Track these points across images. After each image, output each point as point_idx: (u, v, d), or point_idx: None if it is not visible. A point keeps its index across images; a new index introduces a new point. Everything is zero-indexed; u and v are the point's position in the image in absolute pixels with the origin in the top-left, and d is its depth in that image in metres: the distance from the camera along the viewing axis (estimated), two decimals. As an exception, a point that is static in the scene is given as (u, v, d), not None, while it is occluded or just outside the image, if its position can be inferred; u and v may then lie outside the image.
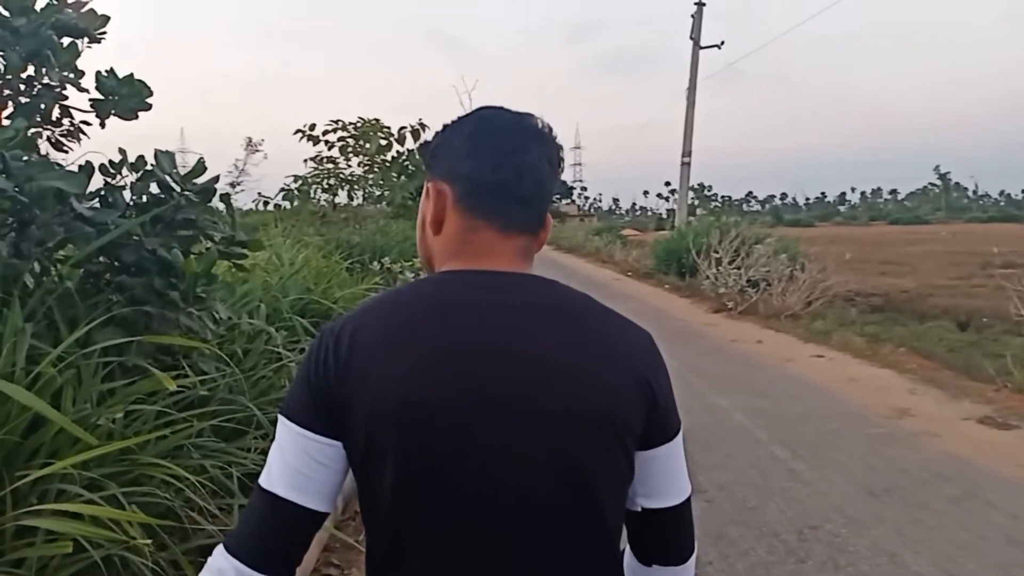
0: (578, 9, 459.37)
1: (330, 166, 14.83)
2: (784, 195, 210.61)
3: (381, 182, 14.67)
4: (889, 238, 43.05)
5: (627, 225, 75.19)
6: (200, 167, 3.03)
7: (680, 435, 1.08)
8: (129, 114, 3.58)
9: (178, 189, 2.98)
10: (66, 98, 3.60)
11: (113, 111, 3.58)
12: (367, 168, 14.96)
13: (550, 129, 1.06)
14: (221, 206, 3.56)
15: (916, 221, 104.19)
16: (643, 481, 1.03)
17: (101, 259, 3.12)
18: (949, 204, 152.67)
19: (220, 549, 0.96)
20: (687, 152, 21.35)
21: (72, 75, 3.52)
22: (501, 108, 1.07)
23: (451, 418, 0.91)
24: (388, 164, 14.90)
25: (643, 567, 1.09)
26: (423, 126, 14.52)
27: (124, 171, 3.34)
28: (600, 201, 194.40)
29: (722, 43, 21.12)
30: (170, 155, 3.05)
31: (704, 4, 21.14)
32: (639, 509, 1.04)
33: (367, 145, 14.21)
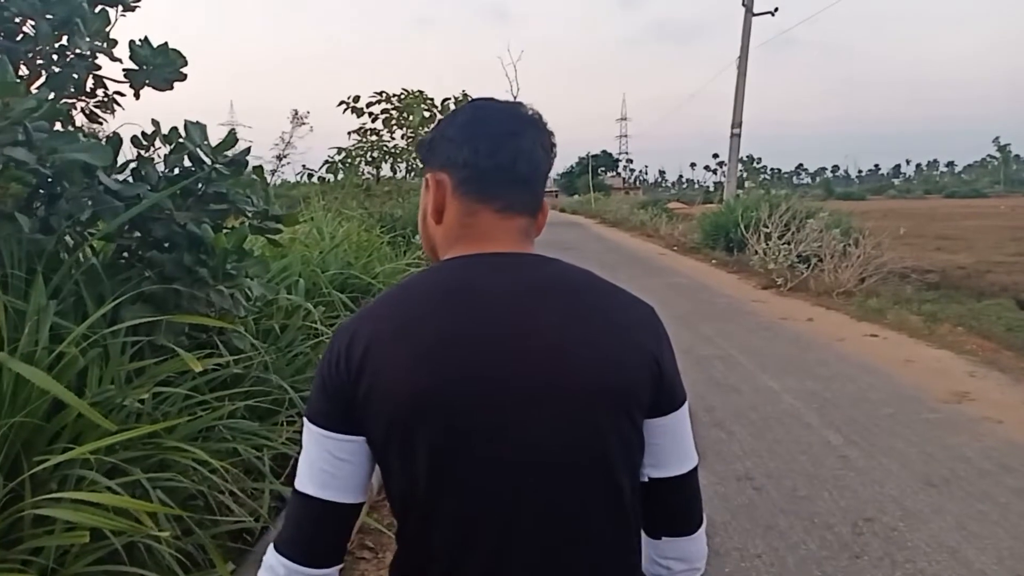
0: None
1: (374, 138, 14.78)
2: (836, 168, 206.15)
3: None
4: (944, 212, 41.66)
5: (673, 198, 74.18)
6: (231, 138, 2.93)
7: (686, 406, 1.08)
8: (163, 84, 3.50)
9: (209, 162, 2.89)
10: (99, 68, 3.53)
11: (147, 81, 3.50)
12: (411, 140, 14.86)
13: (540, 116, 1.10)
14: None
15: (973, 194, 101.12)
16: (650, 451, 1.04)
17: (135, 234, 3.06)
18: (1008, 177, 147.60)
19: (271, 548, 1.02)
20: (737, 123, 20.80)
21: (104, 44, 3.45)
22: (492, 99, 1.11)
23: (464, 402, 0.93)
24: (432, 136, 14.81)
25: (652, 540, 1.10)
26: (467, 97, 14.35)
27: (157, 143, 3.27)
28: (646, 173, 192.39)
29: (776, 10, 20.43)
30: (200, 126, 2.95)
31: (757, -31, 20.47)
32: (646, 479, 1.05)
33: (411, 117, 14.10)
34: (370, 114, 14.76)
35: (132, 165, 3.08)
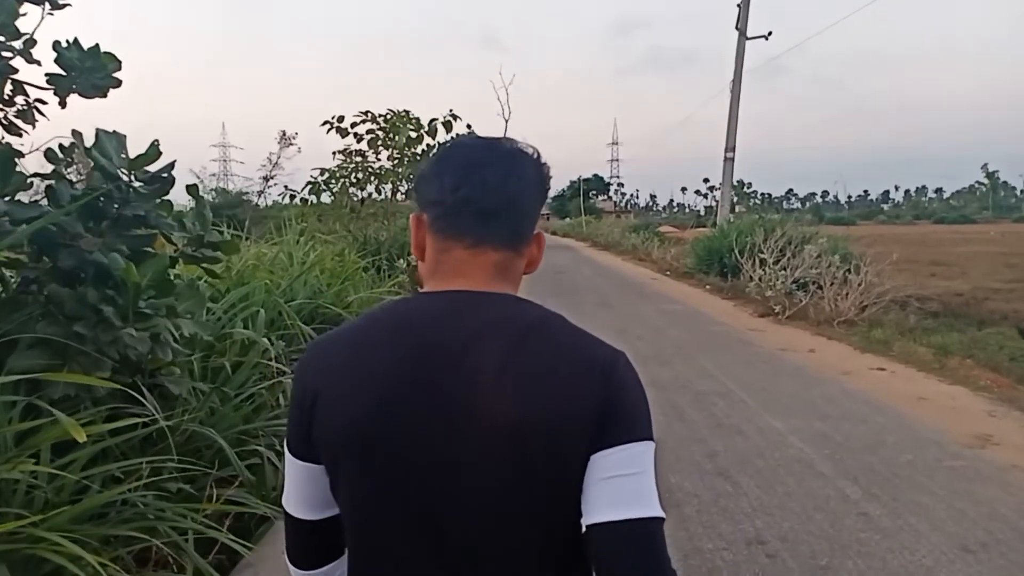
0: (620, 7, 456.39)
1: (359, 159, 14.34)
2: (826, 193, 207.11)
3: (411, 175, 14.12)
4: (935, 237, 41.55)
5: (664, 222, 73.99)
6: (153, 151, 2.46)
7: (646, 449, 0.96)
8: (92, 91, 3.02)
9: (125, 178, 2.42)
10: (15, 71, 3.06)
11: (74, 87, 3.04)
12: (396, 161, 14.43)
13: (524, 148, 1.06)
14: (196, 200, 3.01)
15: (962, 220, 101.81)
16: (593, 493, 0.93)
17: (42, 261, 2.58)
18: (996, 203, 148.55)
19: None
20: (731, 147, 20.48)
21: (23, 44, 2.99)
22: (473, 135, 1.22)
23: (389, 438, 0.94)
24: (419, 157, 14.33)
25: None
26: (455, 117, 13.95)
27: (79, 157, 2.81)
28: (637, 198, 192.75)
29: (769, 34, 20.19)
30: (117, 136, 2.49)
31: (750, -7, 20.24)
32: (583, 528, 0.93)
33: (396, 138, 13.68)
34: (355, 134, 14.34)
35: (43, 183, 2.61)
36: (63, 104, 3.14)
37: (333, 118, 14.01)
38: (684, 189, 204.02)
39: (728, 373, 7.31)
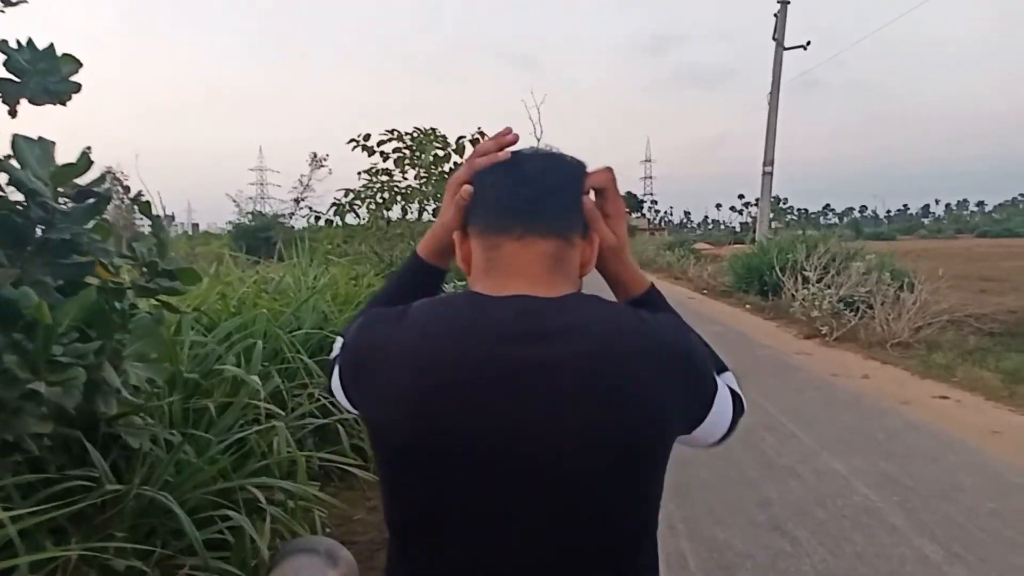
0: (655, 24, 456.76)
1: (384, 178, 13.97)
2: (864, 208, 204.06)
3: (438, 195, 13.73)
4: (980, 252, 40.18)
5: (699, 239, 73.19)
6: (84, 162, 2.01)
7: (722, 390, 1.05)
8: (44, 97, 2.59)
9: (49, 195, 1.97)
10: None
11: (24, 94, 2.62)
12: (423, 181, 14.04)
13: (572, 159, 1.06)
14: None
15: (1006, 234, 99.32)
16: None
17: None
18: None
19: None
20: (769, 160, 19.83)
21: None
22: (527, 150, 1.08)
23: (456, 451, 0.92)
24: (446, 175, 13.95)
25: None
26: (483, 134, 13.52)
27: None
28: (671, 215, 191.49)
29: (808, 43, 19.58)
30: (41, 145, 2.05)
31: (788, 2, 19.64)
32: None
33: (423, 156, 13.29)
34: (381, 153, 13.99)
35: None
36: (13, 113, 2.73)
37: (359, 136, 13.66)
38: (719, 206, 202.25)
39: (777, 403, 6.72)
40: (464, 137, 13.74)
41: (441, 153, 13.91)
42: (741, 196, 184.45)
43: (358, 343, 1.01)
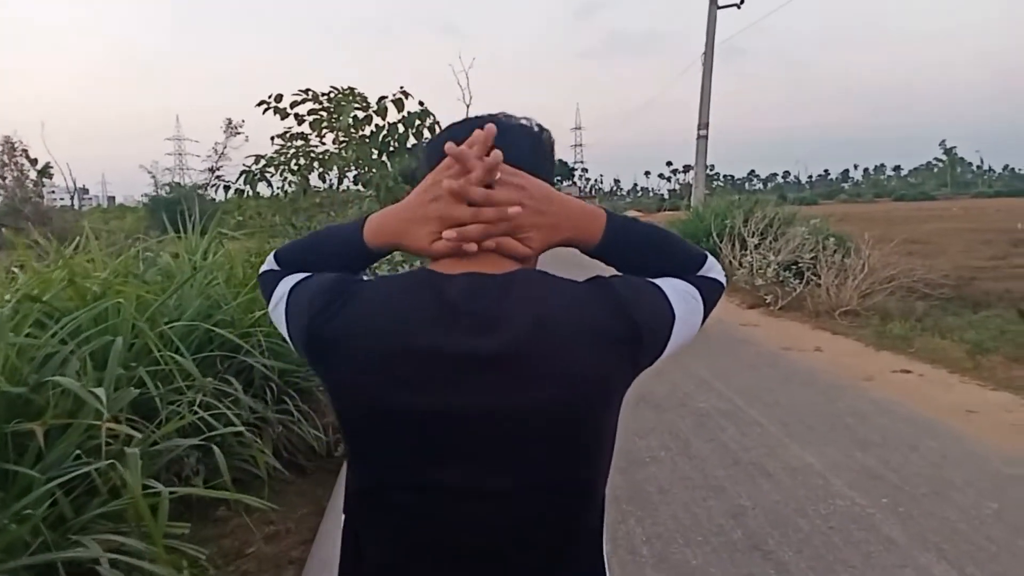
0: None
1: (299, 143, 12.88)
2: (787, 173, 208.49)
3: (359, 160, 12.70)
4: (900, 215, 40.90)
5: (630, 206, 73.33)
6: None
7: (675, 326, 1.02)
8: None
9: None
10: None
11: None
12: (342, 144, 13.00)
13: (522, 122, 1.08)
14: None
15: (922, 197, 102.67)
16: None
17: None
18: (955, 180, 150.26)
19: None
20: (704, 124, 19.31)
21: None
22: (464, 120, 1.07)
23: (412, 419, 0.95)
24: (367, 140, 12.93)
25: None
26: (406, 94, 12.54)
27: None
28: (601, 182, 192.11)
29: (741, 2, 19.06)
30: None
31: (721, -41, 19.04)
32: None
33: (340, 118, 12.24)
34: (296, 115, 12.89)
35: None
36: None
37: (270, 97, 12.52)
38: (647, 173, 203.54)
39: (731, 383, 6.14)
40: (386, 97, 12.74)
41: (361, 115, 12.89)
42: (669, 163, 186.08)
43: (317, 328, 0.99)
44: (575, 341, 0.94)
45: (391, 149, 13.09)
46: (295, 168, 12.81)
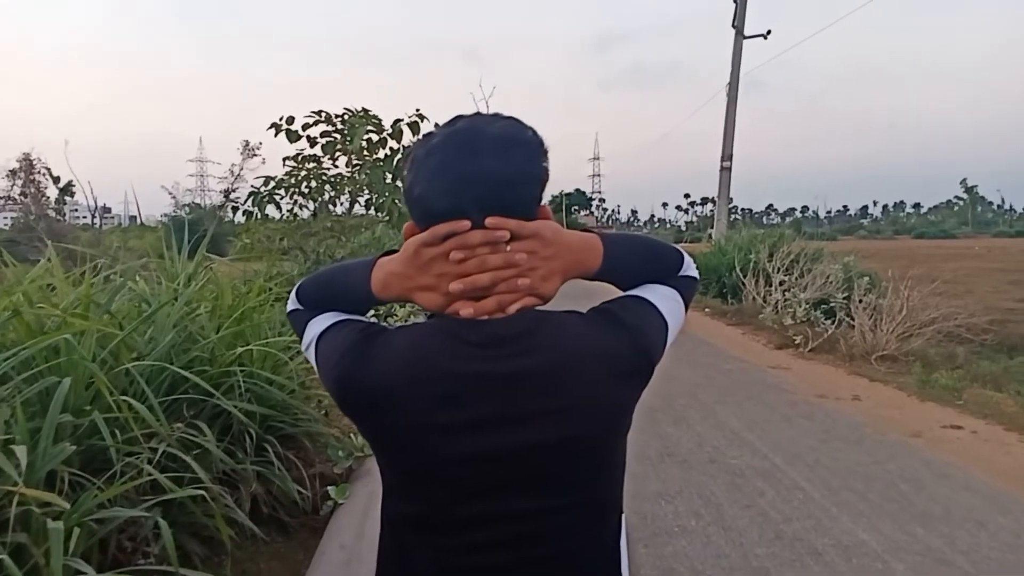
0: (601, 23, 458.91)
1: (311, 166, 12.49)
2: (805, 208, 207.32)
3: (370, 185, 12.27)
4: (921, 253, 40.11)
5: (647, 237, 72.77)
6: None
7: (669, 331, 1.11)
8: None
9: None
10: None
11: None
12: (355, 168, 12.60)
13: (516, 133, 1.04)
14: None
15: (942, 235, 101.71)
16: None
17: None
18: (975, 218, 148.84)
19: None
20: (727, 155, 18.82)
21: None
22: (461, 118, 1.06)
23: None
24: (380, 163, 12.53)
25: None
26: (422, 117, 12.15)
27: None
28: (619, 213, 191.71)
29: (768, 32, 18.61)
30: None
31: (747, -11, 18.65)
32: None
33: (353, 140, 11.84)
34: (308, 138, 12.52)
35: None
36: None
37: (281, 119, 12.17)
38: (665, 204, 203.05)
39: (764, 436, 5.57)
40: (401, 120, 12.36)
41: (375, 138, 12.51)
42: (687, 195, 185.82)
43: (355, 380, 1.03)
44: (596, 374, 1.01)
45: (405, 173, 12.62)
46: (306, 191, 12.44)
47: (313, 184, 12.42)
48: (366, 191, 12.69)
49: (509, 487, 1.01)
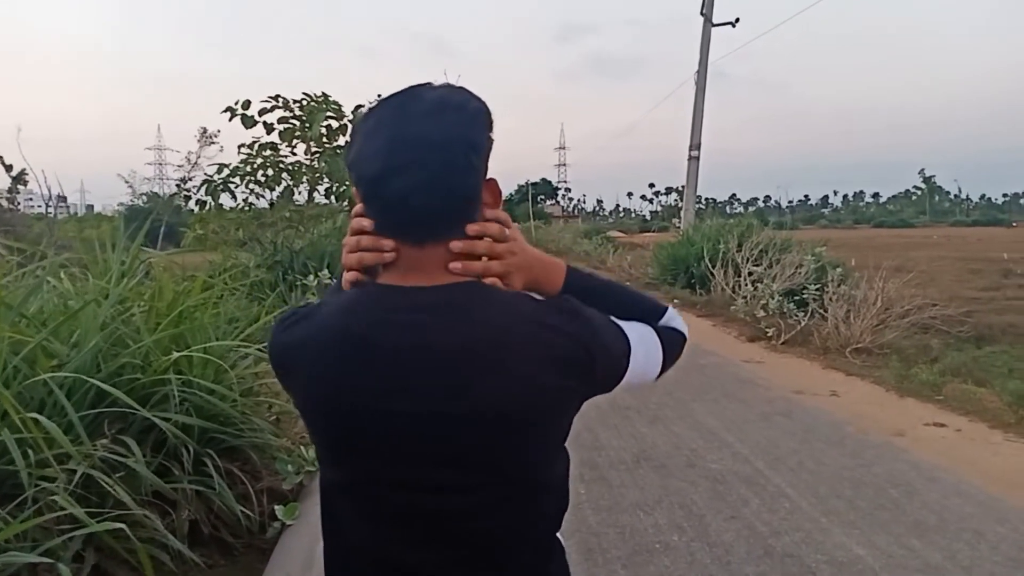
0: (564, 12, 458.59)
1: (267, 153, 11.96)
2: (768, 198, 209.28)
3: (330, 173, 11.79)
4: (881, 242, 40.46)
5: (612, 227, 72.81)
6: None
7: (631, 357, 1.07)
8: None
9: None
10: None
11: None
12: (314, 155, 12.10)
13: (459, 102, 1.00)
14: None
15: (901, 224, 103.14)
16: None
17: None
18: (933, 208, 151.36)
19: None
20: (696, 144, 18.59)
21: None
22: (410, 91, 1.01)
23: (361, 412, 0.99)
24: (340, 150, 12.04)
25: None
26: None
27: None
28: (584, 202, 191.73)
29: (737, 20, 18.38)
30: None
31: (715, -25, 18.41)
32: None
33: (312, 127, 11.33)
34: (264, 123, 11.99)
35: None
36: None
37: (236, 103, 11.63)
38: (630, 194, 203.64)
39: (744, 436, 5.30)
40: (362, 106, 11.87)
41: (335, 124, 12.01)
42: (652, 185, 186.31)
43: (278, 342, 1.06)
44: (525, 353, 0.97)
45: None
46: (262, 179, 11.93)
47: (270, 172, 11.92)
48: (326, 179, 12.22)
49: (426, 457, 0.99)
